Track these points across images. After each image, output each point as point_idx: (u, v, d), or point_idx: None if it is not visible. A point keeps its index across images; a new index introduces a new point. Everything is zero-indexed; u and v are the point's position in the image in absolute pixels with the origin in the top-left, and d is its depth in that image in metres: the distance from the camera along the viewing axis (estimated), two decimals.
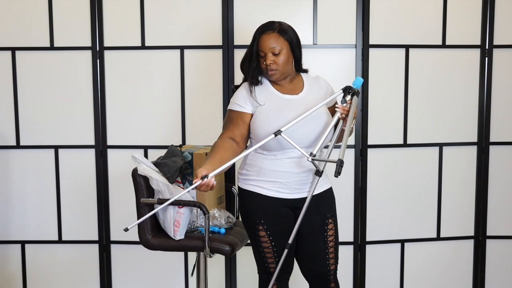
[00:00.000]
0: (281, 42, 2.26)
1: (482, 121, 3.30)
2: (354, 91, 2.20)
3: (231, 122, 2.33)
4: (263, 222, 2.30)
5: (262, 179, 2.28)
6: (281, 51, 2.26)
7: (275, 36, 2.26)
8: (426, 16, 3.22)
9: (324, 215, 2.34)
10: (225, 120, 2.38)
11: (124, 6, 3.17)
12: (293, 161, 2.26)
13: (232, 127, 2.31)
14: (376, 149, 3.25)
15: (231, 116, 2.34)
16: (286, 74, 2.33)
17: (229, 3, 3.12)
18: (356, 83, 2.21)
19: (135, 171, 2.61)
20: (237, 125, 2.31)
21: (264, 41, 2.26)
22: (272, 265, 2.34)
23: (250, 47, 2.31)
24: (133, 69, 3.21)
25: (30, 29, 3.19)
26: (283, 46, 2.26)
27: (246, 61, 2.33)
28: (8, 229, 3.31)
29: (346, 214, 3.22)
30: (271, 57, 2.26)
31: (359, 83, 2.21)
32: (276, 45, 2.25)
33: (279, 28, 2.27)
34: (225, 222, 2.68)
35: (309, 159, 2.14)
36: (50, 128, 3.25)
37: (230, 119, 2.34)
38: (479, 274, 3.39)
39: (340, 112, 2.18)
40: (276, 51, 2.25)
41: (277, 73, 2.29)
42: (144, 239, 2.61)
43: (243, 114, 2.31)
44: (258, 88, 2.32)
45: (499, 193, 3.36)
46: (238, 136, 2.30)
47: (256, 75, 2.31)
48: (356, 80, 2.22)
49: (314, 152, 2.15)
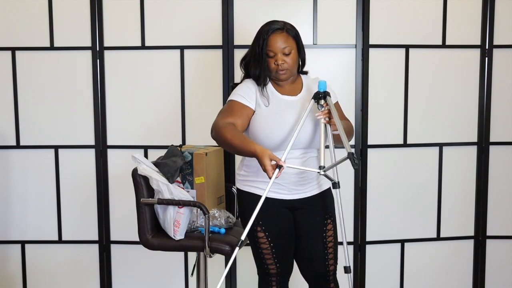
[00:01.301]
0: (290, 42, 2.26)
1: (482, 121, 3.30)
2: (323, 94, 2.19)
3: (233, 111, 2.26)
4: (262, 223, 2.30)
5: (260, 179, 2.27)
6: (291, 50, 2.26)
7: (285, 36, 2.25)
8: (426, 16, 3.22)
9: (323, 215, 2.34)
10: (224, 108, 2.30)
11: (124, 6, 3.17)
12: (290, 161, 2.24)
13: (235, 117, 2.24)
14: (376, 149, 3.25)
15: (234, 106, 2.27)
16: (294, 74, 2.33)
17: (229, 3, 3.12)
18: (321, 87, 2.20)
19: (135, 171, 2.61)
20: (240, 116, 2.25)
21: (274, 41, 2.24)
22: (271, 266, 2.34)
23: (256, 47, 2.27)
24: (133, 69, 3.21)
25: (30, 29, 3.19)
26: (293, 46, 2.26)
27: (252, 61, 2.29)
28: (8, 229, 3.31)
29: (346, 214, 3.21)
30: (282, 57, 2.24)
31: (323, 86, 2.20)
32: (287, 45, 2.24)
33: (286, 28, 2.27)
34: (225, 222, 2.68)
35: (321, 173, 2.11)
36: (50, 128, 3.25)
37: (232, 109, 2.27)
38: (479, 274, 3.39)
39: (323, 117, 2.17)
40: (287, 51, 2.25)
41: (287, 73, 2.28)
42: (144, 239, 2.61)
43: (247, 108, 2.27)
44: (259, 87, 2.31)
45: (499, 193, 3.36)
46: (240, 126, 2.25)
47: (267, 75, 2.29)
48: (320, 84, 2.21)
49: (322, 164, 2.12)
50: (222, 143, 2.21)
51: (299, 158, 2.27)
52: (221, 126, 2.21)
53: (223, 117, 2.25)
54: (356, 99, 3.19)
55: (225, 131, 2.18)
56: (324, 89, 2.20)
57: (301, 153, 2.28)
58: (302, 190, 2.31)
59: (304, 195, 2.32)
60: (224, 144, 2.21)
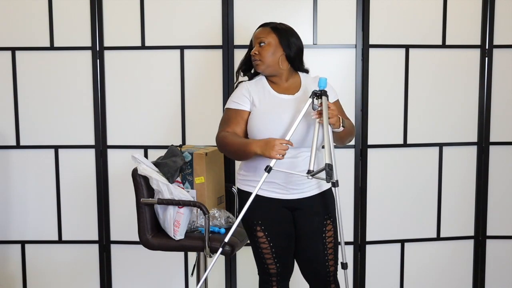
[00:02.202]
0: (269, 35, 2.33)
1: (482, 121, 3.30)
2: (320, 92, 2.18)
3: (230, 120, 2.33)
4: (261, 223, 2.31)
5: (259, 179, 2.27)
6: (268, 43, 2.31)
7: (267, 30, 2.35)
8: (426, 16, 3.22)
9: (322, 216, 2.34)
10: (223, 119, 2.37)
11: (124, 6, 3.17)
12: (289, 161, 2.25)
13: (233, 125, 2.31)
14: (376, 149, 3.25)
15: (230, 114, 2.34)
16: (273, 69, 2.34)
17: (229, 3, 3.12)
18: (320, 84, 2.19)
19: (135, 171, 2.61)
20: (238, 123, 2.31)
21: (255, 33, 2.37)
22: (272, 265, 2.34)
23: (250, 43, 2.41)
24: (133, 69, 3.21)
25: (30, 29, 3.19)
26: (271, 40, 2.32)
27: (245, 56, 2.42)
28: (8, 229, 3.31)
29: (346, 214, 3.21)
30: (257, 47, 2.33)
31: (323, 84, 2.19)
32: (263, 36, 2.32)
33: (274, 25, 2.35)
34: (225, 222, 2.68)
35: (309, 177, 2.12)
36: (50, 128, 3.25)
37: (229, 118, 2.34)
38: (479, 274, 3.39)
39: (317, 117, 2.17)
40: (261, 42, 2.32)
41: (260, 64, 2.33)
42: (144, 239, 2.61)
43: (242, 112, 2.32)
44: (255, 87, 2.34)
45: (499, 193, 3.36)
46: (240, 133, 2.31)
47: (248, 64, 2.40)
48: (320, 81, 2.19)
49: (310, 169, 2.12)
50: (227, 152, 2.33)
51: (292, 157, 2.25)
52: (221, 137, 2.30)
53: (223, 129, 2.33)
54: (356, 99, 3.19)
55: (225, 141, 2.27)
56: (323, 86, 2.18)
57: (294, 152, 2.27)
58: (301, 190, 2.31)
59: (304, 195, 2.32)
60: (229, 153, 2.33)
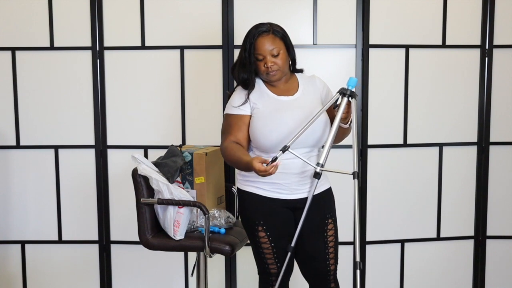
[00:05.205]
0: (278, 43, 2.27)
1: (482, 121, 3.30)
2: (350, 93, 2.15)
3: (231, 126, 2.30)
4: (263, 223, 2.30)
5: (261, 180, 2.26)
6: (280, 51, 2.26)
7: (272, 37, 2.27)
8: (426, 16, 3.22)
9: (323, 215, 2.34)
10: (224, 126, 2.35)
11: (124, 6, 3.17)
12: (291, 161, 2.24)
13: (234, 132, 2.29)
14: (376, 149, 3.25)
15: (231, 121, 2.31)
16: (285, 73, 2.33)
17: (229, 3, 3.12)
18: (350, 84, 2.14)
19: (135, 171, 2.61)
20: (239, 129, 2.29)
21: (261, 44, 2.25)
22: (272, 265, 2.34)
23: (243, 52, 2.28)
24: (133, 69, 3.21)
25: (30, 29, 3.19)
26: (281, 46, 2.27)
27: (239, 65, 2.31)
28: (8, 229, 3.31)
29: (346, 214, 3.21)
30: (271, 59, 2.26)
31: (353, 84, 2.14)
32: (274, 47, 2.25)
33: (272, 29, 2.28)
34: (225, 222, 2.68)
35: (317, 169, 2.13)
36: (50, 128, 3.25)
37: (230, 124, 2.31)
38: (479, 274, 3.39)
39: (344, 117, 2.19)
40: (275, 53, 2.26)
41: (278, 73, 2.29)
42: (144, 239, 2.61)
43: (243, 117, 2.30)
44: (253, 91, 2.32)
45: (499, 193, 3.36)
46: (242, 139, 2.29)
47: (254, 79, 2.30)
48: (350, 80, 2.14)
49: (321, 162, 2.14)
50: (230, 164, 2.31)
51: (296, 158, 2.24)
52: (223, 149, 2.29)
53: (225, 137, 2.31)
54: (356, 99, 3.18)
55: (226, 153, 2.26)
56: (353, 86, 2.14)
57: (306, 152, 2.27)
58: (303, 189, 2.31)
59: (305, 194, 2.31)
60: (232, 165, 2.30)
